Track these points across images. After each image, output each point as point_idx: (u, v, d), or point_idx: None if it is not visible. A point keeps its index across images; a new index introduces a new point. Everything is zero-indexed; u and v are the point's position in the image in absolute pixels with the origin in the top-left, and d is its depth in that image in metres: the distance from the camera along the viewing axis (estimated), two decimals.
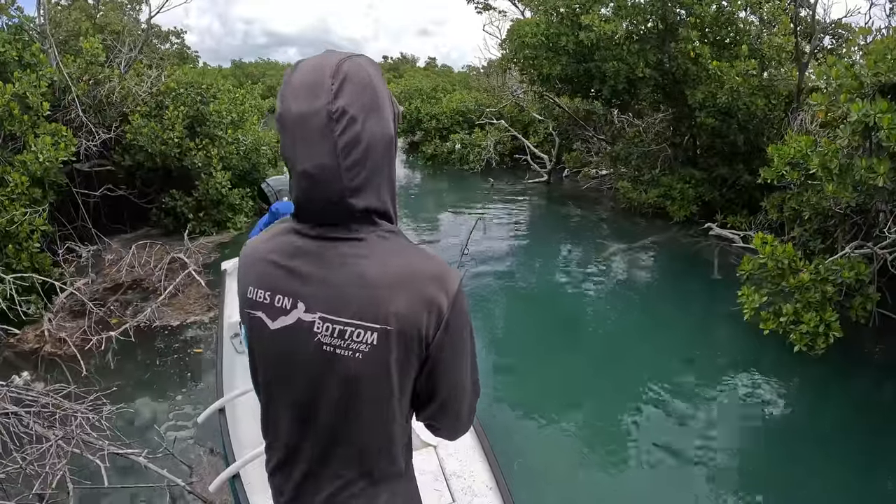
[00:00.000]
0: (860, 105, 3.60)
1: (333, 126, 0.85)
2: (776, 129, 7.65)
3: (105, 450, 2.71)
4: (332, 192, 0.87)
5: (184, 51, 18.70)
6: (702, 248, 7.49)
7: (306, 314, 0.91)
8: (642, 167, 9.58)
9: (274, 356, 0.97)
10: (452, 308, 0.91)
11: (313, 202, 0.90)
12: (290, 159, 0.89)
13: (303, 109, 0.86)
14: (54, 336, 4.69)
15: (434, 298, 0.90)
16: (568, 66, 8.49)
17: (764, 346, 4.50)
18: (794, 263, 4.26)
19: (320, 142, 0.85)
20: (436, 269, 0.92)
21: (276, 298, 0.94)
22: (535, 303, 6.14)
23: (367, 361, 0.90)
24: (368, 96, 0.88)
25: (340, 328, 0.89)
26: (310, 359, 0.92)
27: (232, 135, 7.93)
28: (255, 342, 1.00)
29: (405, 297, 0.88)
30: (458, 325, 0.93)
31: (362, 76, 0.89)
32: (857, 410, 3.88)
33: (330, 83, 0.85)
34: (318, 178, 0.86)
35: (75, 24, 7.77)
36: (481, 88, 16.95)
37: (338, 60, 0.88)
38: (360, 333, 0.89)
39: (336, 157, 0.86)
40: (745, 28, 8.08)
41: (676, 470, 3.30)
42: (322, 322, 0.90)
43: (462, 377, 1.00)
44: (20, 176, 5.22)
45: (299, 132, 0.86)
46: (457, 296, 0.92)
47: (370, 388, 0.92)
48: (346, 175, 0.87)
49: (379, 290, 0.88)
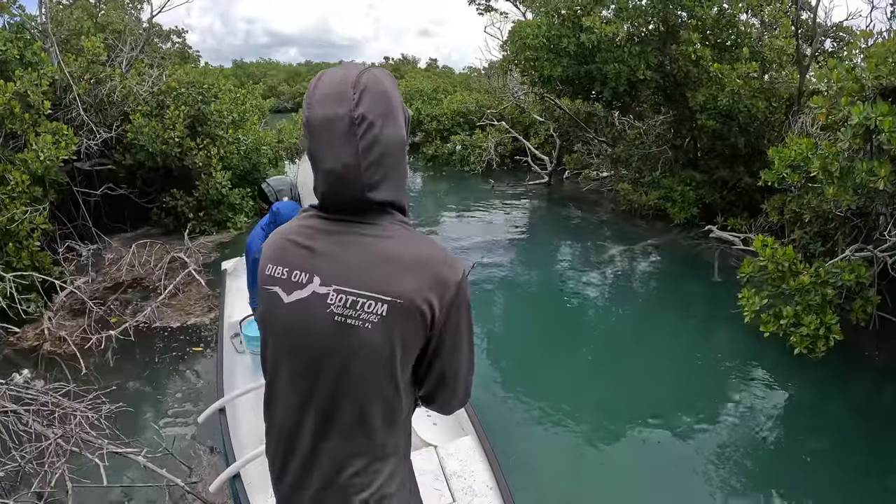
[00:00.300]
0: (861, 108, 3.60)
1: (355, 130, 0.96)
2: (777, 132, 7.65)
3: (104, 449, 2.70)
4: (354, 188, 0.99)
5: (185, 50, 18.70)
6: (702, 250, 7.49)
7: (321, 287, 1.00)
8: (643, 169, 9.58)
9: (285, 329, 1.04)
10: (458, 291, 1.01)
11: (338, 195, 1.01)
12: (315, 158, 1.00)
13: (329, 115, 0.96)
14: (54, 335, 4.68)
15: (443, 280, 1.00)
16: (569, 67, 8.49)
17: (764, 348, 4.50)
18: (795, 266, 4.25)
19: (344, 144, 0.96)
20: (445, 256, 1.02)
21: (293, 274, 1.03)
22: (535, 304, 6.14)
23: (375, 331, 0.98)
24: (385, 104, 0.99)
25: (353, 299, 0.98)
26: (320, 329, 1.00)
27: (232, 134, 7.94)
28: (269, 316, 1.07)
29: (417, 275, 0.98)
30: (462, 307, 1.03)
31: (379, 87, 1.00)
32: (857, 413, 3.87)
33: (352, 93, 0.96)
34: (342, 175, 0.98)
35: (77, 22, 7.77)
36: (482, 90, 16.93)
37: (358, 72, 0.99)
38: (371, 304, 0.97)
39: (357, 157, 0.97)
40: (747, 30, 8.07)
41: (676, 471, 3.29)
42: (336, 294, 0.99)
43: (461, 357, 1.09)
44: (21, 174, 5.21)
45: (325, 135, 0.97)
46: (462, 281, 1.02)
47: (375, 358, 0.99)
48: (366, 173, 0.98)
49: (392, 266, 0.98)
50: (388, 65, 45.78)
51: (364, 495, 1.06)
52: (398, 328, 0.98)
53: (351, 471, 1.06)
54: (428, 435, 3.07)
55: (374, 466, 1.07)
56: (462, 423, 3.06)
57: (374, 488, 1.07)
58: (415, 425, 3.17)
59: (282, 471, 1.11)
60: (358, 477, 1.06)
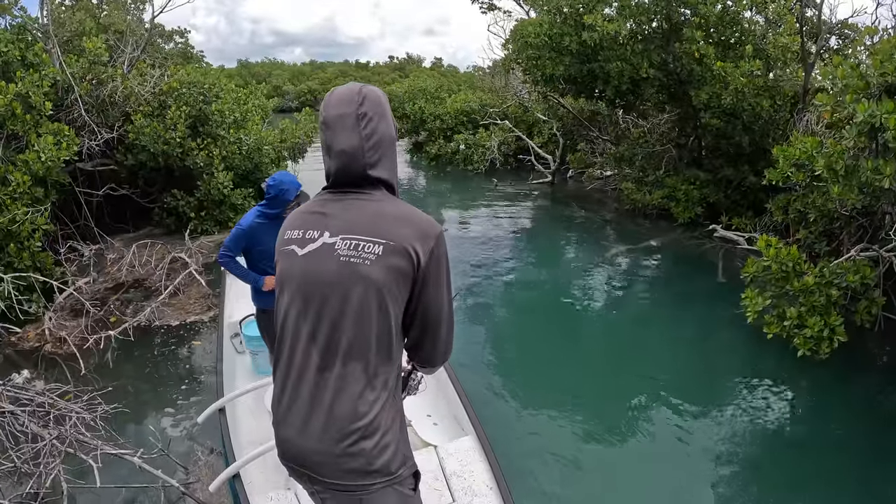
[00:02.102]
0: (866, 105, 3.54)
1: (360, 122, 1.32)
2: (781, 130, 7.57)
3: (98, 449, 2.69)
4: (358, 165, 1.33)
5: (188, 50, 18.76)
6: (706, 249, 7.43)
7: (330, 238, 1.30)
8: (647, 168, 9.51)
9: (300, 276, 1.32)
10: (436, 243, 1.31)
11: (346, 170, 1.33)
12: (330, 145, 1.34)
13: (341, 113, 1.33)
14: (54, 335, 4.69)
15: (426, 232, 1.30)
16: (571, 66, 8.43)
17: (767, 349, 4.45)
18: (799, 266, 4.20)
19: (351, 132, 1.32)
20: (427, 218, 1.34)
21: (306, 233, 1.34)
22: (537, 304, 6.10)
23: (374, 266, 1.26)
24: (380, 108, 1.36)
25: (356, 242, 1.27)
26: (328, 268, 1.28)
27: (234, 134, 7.94)
28: (285, 271, 1.35)
29: (405, 227, 1.29)
30: (440, 257, 1.32)
31: (375, 96, 1.36)
32: (860, 415, 3.82)
33: (357, 98, 1.34)
34: (350, 153, 1.32)
35: (79, 24, 7.79)
36: (486, 89, 16.89)
37: (360, 87, 1.37)
38: (369, 246, 1.27)
39: (361, 141, 1.32)
40: (750, 28, 7.99)
41: (677, 470, 3.25)
42: (342, 241, 1.29)
43: (441, 301, 1.35)
44: (22, 175, 5.23)
45: (338, 126, 1.32)
46: (440, 237, 1.32)
47: (372, 288, 1.26)
48: (367, 153, 1.33)
49: (386, 219, 1.30)
50: (393, 64, 45.83)
51: (360, 423, 1.26)
52: (391, 263, 1.25)
53: (347, 398, 1.26)
54: (428, 435, 3.05)
55: (369, 395, 1.28)
56: (462, 423, 3.05)
57: (368, 418, 1.27)
58: (415, 425, 3.17)
59: (288, 411, 1.32)
60: (354, 404, 1.26)
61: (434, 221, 1.33)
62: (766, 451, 3.52)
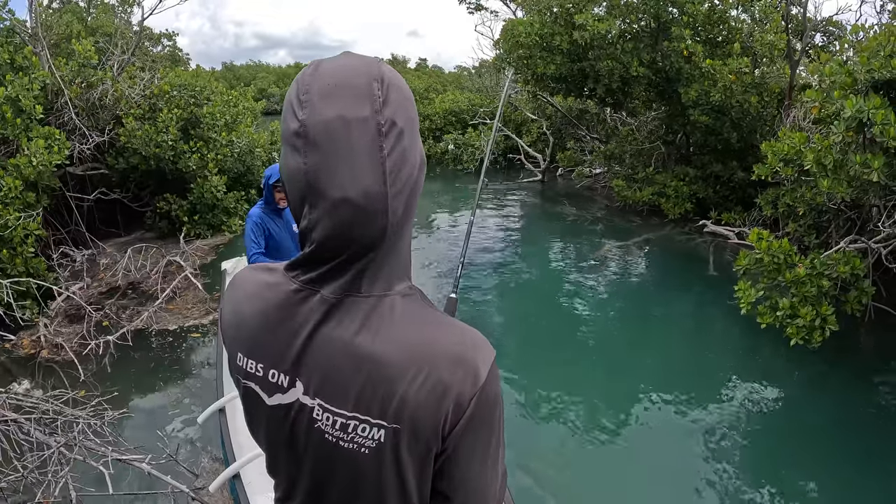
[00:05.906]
0: (854, 101, 3.64)
1: (382, 142, 0.65)
2: (769, 126, 7.71)
3: (108, 456, 2.68)
4: (375, 229, 0.67)
5: (175, 53, 18.58)
6: (697, 244, 7.55)
7: (305, 396, 0.73)
8: (636, 165, 9.64)
9: (274, 431, 0.78)
10: (479, 398, 0.70)
11: (346, 239, 0.67)
12: (314, 184, 0.65)
13: (344, 116, 0.65)
14: (51, 341, 4.64)
15: (456, 386, 0.69)
16: (562, 65, 8.52)
17: (760, 339, 4.55)
18: (791, 258, 4.30)
19: (368, 161, 0.65)
20: (461, 349, 0.71)
21: (269, 373, 0.75)
22: (531, 302, 6.15)
23: (374, 458, 0.72)
24: (410, 109, 0.70)
25: (342, 421, 0.71)
26: (312, 444, 0.75)
27: (226, 137, 7.89)
28: (252, 409, 0.80)
29: (419, 383, 0.68)
30: (484, 418, 0.72)
31: (403, 85, 0.70)
32: (852, 402, 3.92)
33: (376, 88, 0.66)
34: (365, 207, 0.65)
35: (67, 26, 7.69)
36: (474, 88, 16.95)
37: (377, 63, 0.70)
38: (364, 429, 0.71)
39: (384, 181, 0.66)
40: (737, 26, 8.15)
41: (674, 463, 3.31)
42: (322, 411, 0.72)
43: (483, 474, 0.76)
44: (13, 180, 5.16)
45: (341, 146, 0.64)
46: (485, 384, 0.71)
47: (379, 485, 0.75)
48: (393, 204, 0.67)
49: (387, 371, 0.69)
50: None
51: None
52: (402, 455, 0.71)
53: None
54: None
55: None
56: None
57: None
58: None
59: None
60: None
61: (478, 354, 0.72)
62: (760, 439, 3.59)
